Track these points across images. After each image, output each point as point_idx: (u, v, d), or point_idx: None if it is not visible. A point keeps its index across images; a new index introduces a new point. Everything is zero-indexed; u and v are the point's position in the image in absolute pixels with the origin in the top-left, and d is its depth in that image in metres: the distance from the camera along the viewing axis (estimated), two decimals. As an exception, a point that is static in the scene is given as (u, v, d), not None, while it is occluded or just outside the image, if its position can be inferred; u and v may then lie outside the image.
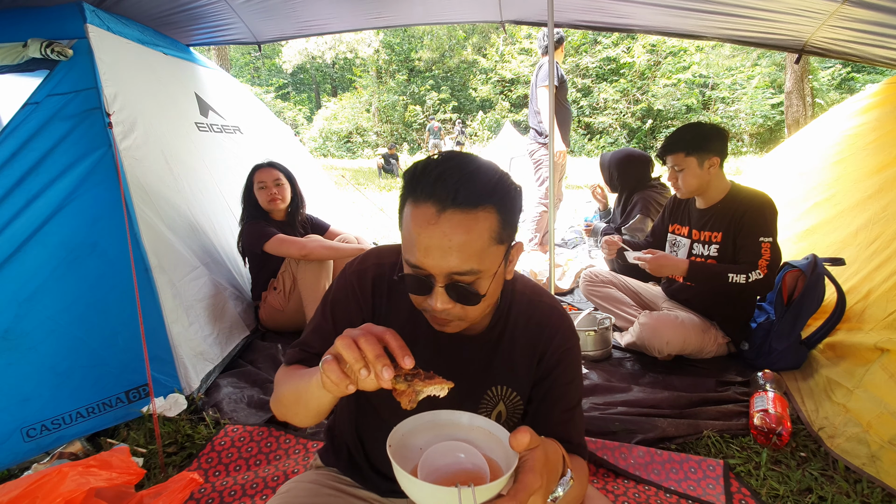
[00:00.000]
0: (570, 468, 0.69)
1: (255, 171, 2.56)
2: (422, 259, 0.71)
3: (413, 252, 0.72)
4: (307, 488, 0.93)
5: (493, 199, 0.71)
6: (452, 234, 0.69)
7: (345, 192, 6.88)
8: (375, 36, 18.59)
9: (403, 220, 0.75)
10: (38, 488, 1.20)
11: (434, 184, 0.69)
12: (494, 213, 0.71)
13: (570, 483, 0.68)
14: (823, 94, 12.83)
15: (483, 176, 0.71)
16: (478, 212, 0.70)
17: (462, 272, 0.71)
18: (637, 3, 2.60)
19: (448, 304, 0.73)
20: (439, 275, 0.72)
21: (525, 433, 0.59)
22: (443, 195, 0.69)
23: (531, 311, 0.90)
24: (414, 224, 0.71)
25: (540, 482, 0.59)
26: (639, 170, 2.95)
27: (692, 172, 2.03)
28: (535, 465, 0.59)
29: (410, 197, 0.73)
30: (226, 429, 1.76)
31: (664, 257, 2.14)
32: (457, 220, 0.69)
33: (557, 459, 0.67)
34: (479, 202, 0.70)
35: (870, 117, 2.70)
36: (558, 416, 0.88)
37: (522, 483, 0.58)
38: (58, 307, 1.74)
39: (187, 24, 2.73)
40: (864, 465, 1.46)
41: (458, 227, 0.69)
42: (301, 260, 2.44)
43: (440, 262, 0.70)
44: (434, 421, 0.69)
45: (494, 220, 0.72)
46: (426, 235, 0.70)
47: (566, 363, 0.89)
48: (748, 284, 1.92)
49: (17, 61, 1.81)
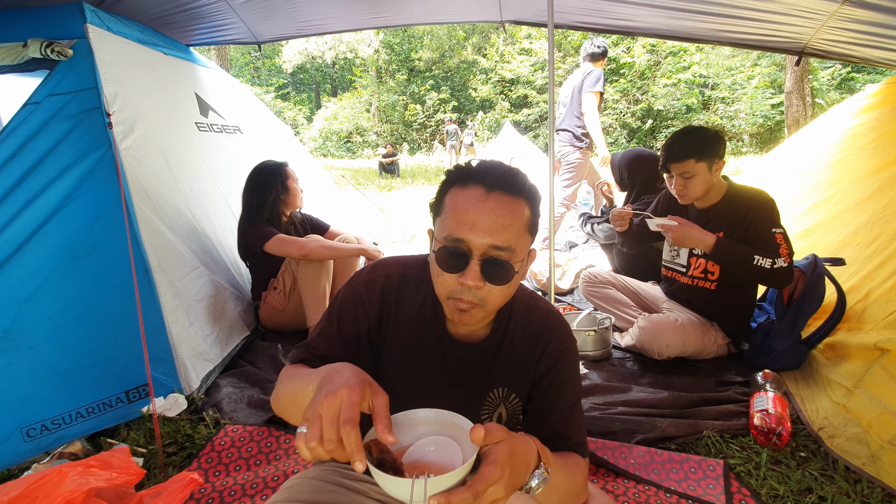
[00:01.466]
0: (546, 463, 0.71)
1: (283, 170, 2.53)
2: (466, 233, 0.78)
3: (458, 227, 0.79)
4: (311, 484, 0.94)
5: (528, 195, 0.82)
6: (499, 211, 0.78)
7: (345, 192, 6.88)
8: (375, 36, 18.60)
9: (446, 204, 0.83)
10: (38, 488, 1.20)
11: (484, 171, 0.81)
12: (527, 207, 0.82)
13: (544, 475, 0.70)
14: (823, 94, 12.83)
15: (521, 175, 0.83)
16: (518, 199, 0.81)
17: (501, 247, 0.78)
18: (637, 4, 2.60)
19: (479, 280, 0.78)
20: (478, 250, 0.78)
21: (480, 428, 0.62)
22: (492, 179, 0.80)
23: (529, 317, 0.95)
24: (462, 201, 0.80)
25: (500, 474, 0.61)
26: (648, 170, 2.94)
27: (702, 178, 1.99)
28: (497, 458, 0.62)
29: (457, 183, 0.82)
30: (226, 429, 1.76)
31: (691, 226, 2.01)
32: (504, 200, 0.79)
33: (528, 453, 0.69)
34: (520, 192, 0.81)
35: (870, 117, 2.70)
36: (557, 413, 0.91)
37: (481, 474, 0.61)
38: (58, 307, 1.74)
39: (187, 24, 2.73)
40: (864, 465, 1.46)
41: (504, 206, 0.79)
42: (301, 260, 2.44)
43: (483, 237, 0.78)
44: (411, 418, 0.73)
45: (528, 212, 0.82)
46: (474, 211, 0.78)
47: (563, 362, 0.93)
48: (772, 270, 1.86)
49: (17, 61, 1.81)
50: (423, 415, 0.73)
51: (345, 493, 0.95)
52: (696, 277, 2.15)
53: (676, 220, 2.04)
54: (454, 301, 0.82)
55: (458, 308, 0.82)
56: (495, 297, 0.82)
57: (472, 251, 0.78)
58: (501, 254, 0.79)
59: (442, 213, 0.84)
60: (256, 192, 2.50)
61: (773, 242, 1.90)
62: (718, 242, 1.94)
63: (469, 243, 0.78)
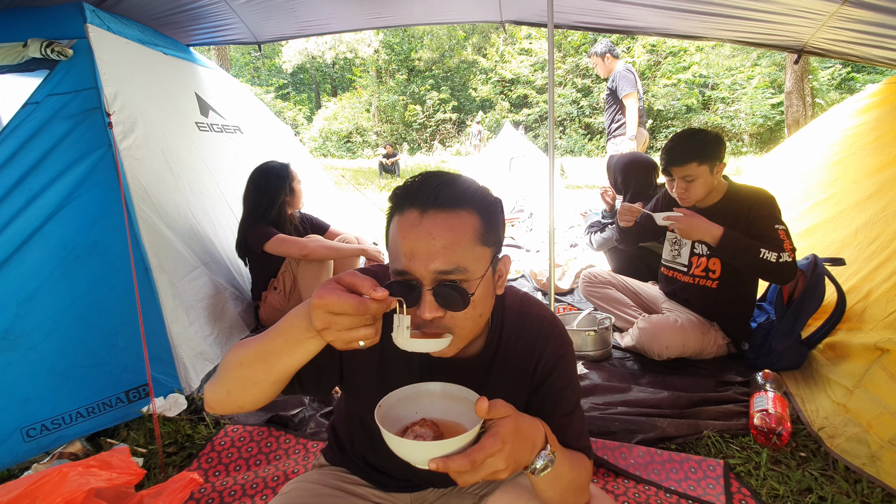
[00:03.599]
0: (554, 447, 0.72)
1: (287, 171, 2.53)
2: (407, 263, 0.72)
3: (399, 258, 0.73)
4: (309, 488, 0.94)
5: (472, 202, 0.74)
6: (436, 233, 0.71)
7: (345, 192, 6.88)
8: (375, 36, 18.60)
9: (390, 235, 0.76)
10: (38, 488, 1.20)
11: (416, 192, 0.73)
12: (476, 215, 0.74)
13: (550, 456, 0.70)
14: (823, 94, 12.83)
15: (462, 182, 0.75)
16: (459, 211, 0.73)
17: (448, 270, 0.71)
18: (637, 4, 2.60)
19: (437, 310, 0.72)
20: (426, 278, 0.72)
21: (484, 400, 0.64)
22: (424, 199, 0.72)
23: (522, 325, 0.91)
24: (399, 230, 0.73)
25: (500, 446, 0.62)
26: (643, 175, 2.95)
27: (703, 181, 2.00)
28: (500, 431, 0.63)
29: (396, 211, 0.75)
30: (226, 429, 1.76)
31: (697, 217, 1.98)
32: (439, 219, 0.72)
33: (534, 433, 0.70)
34: (460, 203, 0.73)
35: (870, 117, 2.70)
36: (556, 422, 0.87)
37: (480, 444, 0.62)
38: (58, 307, 1.74)
39: (187, 24, 2.73)
40: (864, 465, 1.46)
41: (440, 225, 0.71)
42: (301, 260, 2.44)
43: (426, 263, 0.71)
44: (418, 391, 0.77)
45: (476, 221, 0.74)
46: (411, 238, 0.72)
47: (560, 369, 0.90)
48: (778, 264, 1.85)
49: (18, 61, 1.81)
50: (431, 387, 0.77)
51: (343, 497, 0.95)
52: (698, 276, 2.15)
53: (682, 212, 2.02)
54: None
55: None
56: (463, 323, 0.75)
57: (419, 281, 0.72)
58: (451, 276, 0.72)
59: (389, 242, 0.77)
60: (265, 194, 2.48)
61: (777, 238, 1.90)
62: (726, 234, 1.93)
63: (414, 273, 0.72)
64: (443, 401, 0.77)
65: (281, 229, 2.50)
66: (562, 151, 15.62)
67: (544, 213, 4.73)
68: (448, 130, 19.54)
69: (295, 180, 2.57)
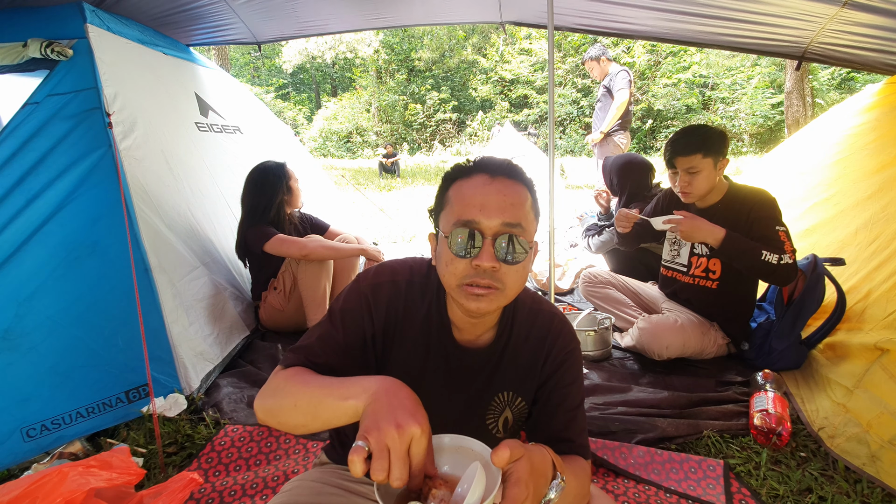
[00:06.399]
0: (561, 471, 0.71)
1: (284, 171, 2.53)
2: (477, 214, 0.79)
3: (468, 210, 0.80)
4: (310, 486, 0.94)
5: (528, 184, 0.85)
6: (506, 192, 0.81)
7: (345, 192, 6.88)
8: (375, 36, 18.58)
9: (450, 196, 0.84)
10: (38, 488, 1.20)
11: (485, 162, 0.84)
12: (528, 192, 0.84)
13: (561, 485, 0.70)
14: (823, 94, 12.82)
15: (520, 167, 0.86)
16: (519, 184, 0.83)
17: (513, 224, 0.79)
18: (636, 7, 2.60)
19: (493, 261, 0.78)
20: (490, 230, 0.79)
21: (505, 449, 0.62)
22: (493, 167, 0.83)
23: (533, 320, 0.95)
24: (468, 188, 0.82)
25: (527, 492, 0.62)
26: (638, 176, 2.94)
27: (707, 174, 1.99)
28: (521, 476, 0.62)
29: (460, 177, 0.85)
30: (226, 429, 1.76)
31: (699, 219, 1.98)
32: (507, 183, 0.82)
33: (545, 465, 0.69)
34: (520, 178, 0.84)
35: (870, 117, 2.70)
36: (562, 416, 0.91)
37: (509, 497, 0.61)
38: (58, 307, 1.74)
39: (187, 24, 2.73)
40: (864, 465, 1.46)
41: (509, 188, 0.81)
42: (301, 260, 2.44)
43: (495, 216, 0.79)
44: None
45: (529, 197, 0.84)
46: (482, 194, 0.80)
47: (568, 365, 0.93)
48: (779, 266, 1.85)
49: (17, 61, 1.81)
50: (436, 441, 0.71)
51: (345, 496, 0.95)
52: (698, 276, 2.15)
53: (683, 215, 2.02)
54: (467, 287, 0.79)
55: (473, 294, 0.79)
56: (511, 280, 0.80)
57: (483, 232, 0.78)
58: (514, 230, 0.79)
59: (447, 206, 0.84)
60: (263, 194, 2.48)
61: (778, 240, 1.90)
62: (728, 235, 1.93)
63: (480, 224, 0.78)
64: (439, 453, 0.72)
65: (280, 229, 2.50)
66: (562, 151, 15.62)
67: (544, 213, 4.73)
68: (448, 130, 19.50)
69: (292, 179, 2.57)
